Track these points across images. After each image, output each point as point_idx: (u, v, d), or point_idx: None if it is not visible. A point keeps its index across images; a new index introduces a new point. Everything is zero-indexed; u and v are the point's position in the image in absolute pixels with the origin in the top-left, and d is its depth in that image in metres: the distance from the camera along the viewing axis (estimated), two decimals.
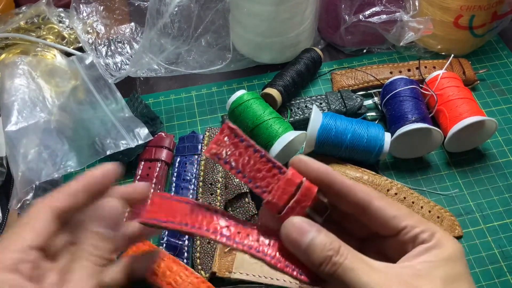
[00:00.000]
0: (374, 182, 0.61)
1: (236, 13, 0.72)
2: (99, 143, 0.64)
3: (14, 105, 0.66)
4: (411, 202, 0.60)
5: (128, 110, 0.68)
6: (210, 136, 0.66)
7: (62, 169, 0.62)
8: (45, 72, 0.69)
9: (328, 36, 0.81)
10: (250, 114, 0.63)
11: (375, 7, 0.72)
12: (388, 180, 0.62)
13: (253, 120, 0.62)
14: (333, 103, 0.69)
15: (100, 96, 0.69)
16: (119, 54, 0.73)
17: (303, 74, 0.72)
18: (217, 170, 0.61)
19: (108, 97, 0.70)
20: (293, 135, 0.60)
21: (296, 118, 0.69)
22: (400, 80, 0.68)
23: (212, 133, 0.66)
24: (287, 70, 0.71)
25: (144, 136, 0.65)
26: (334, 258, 0.30)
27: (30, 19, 0.75)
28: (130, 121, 0.66)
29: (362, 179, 0.61)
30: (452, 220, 0.60)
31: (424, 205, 0.60)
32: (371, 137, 0.61)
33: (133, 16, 0.77)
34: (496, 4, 0.70)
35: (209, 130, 0.67)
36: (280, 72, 0.72)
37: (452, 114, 0.64)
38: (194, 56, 0.72)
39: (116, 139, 0.64)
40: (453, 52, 0.75)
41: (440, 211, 0.60)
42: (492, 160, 0.66)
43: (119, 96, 0.70)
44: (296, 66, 0.72)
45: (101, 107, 0.68)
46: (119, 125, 0.66)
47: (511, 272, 0.56)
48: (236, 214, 0.59)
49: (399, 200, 0.60)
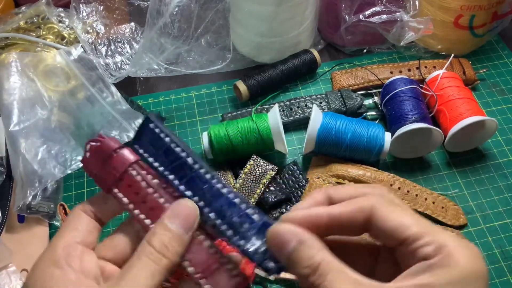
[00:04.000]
0: (377, 178, 0.61)
1: (236, 13, 0.72)
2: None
3: (14, 105, 0.66)
4: (415, 195, 0.60)
5: (125, 103, 0.68)
6: (253, 166, 0.61)
7: (73, 165, 0.62)
8: (45, 72, 0.69)
9: (328, 36, 0.81)
10: (236, 140, 0.62)
11: (375, 7, 0.72)
12: (390, 175, 0.62)
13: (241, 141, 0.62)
14: (333, 102, 0.69)
15: (95, 90, 0.69)
16: (119, 54, 0.73)
17: (287, 74, 0.73)
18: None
19: (104, 91, 0.69)
20: (272, 115, 0.62)
21: (296, 118, 0.69)
22: (400, 80, 0.68)
23: (257, 165, 0.61)
24: (270, 68, 0.72)
25: None
26: (311, 278, 0.26)
27: (30, 19, 0.75)
28: (129, 113, 0.67)
29: (365, 176, 0.61)
30: (456, 209, 0.60)
31: (427, 197, 0.61)
32: (371, 136, 0.61)
33: (133, 16, 0.77)
34: (496, 4, 0.70)
35: (254, 160, 0.61)
36: (264, 68, 0.73)
37: (452, 114, 0.64)
38: (194, 56, 0.72)
39: (120, 132, 0.65)
40: (453, 52, 0.75)
41: (443, 201, 0.61)
42: (492, 160, 0.66)
43: (113, 90, 0.69)
44: (280, 66, 0.73)
45: (98, 101, 0.68)
46: (120, 118, 0.66)
47: (511, 272, 0.56)
48: None
49: (402, 194, 0.60)
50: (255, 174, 0.60)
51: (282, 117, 0.69)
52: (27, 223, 0.61)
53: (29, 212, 0.60)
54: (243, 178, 0.60)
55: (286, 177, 0.63)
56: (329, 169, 0.62)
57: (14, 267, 0.57)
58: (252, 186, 0.59)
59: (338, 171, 0.61)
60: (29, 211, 0.60)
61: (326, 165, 0.63)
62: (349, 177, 0.61)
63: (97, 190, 0.64)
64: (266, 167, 0.61)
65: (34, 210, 0.60)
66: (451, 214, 0.60)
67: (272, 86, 0.73)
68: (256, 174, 0.60)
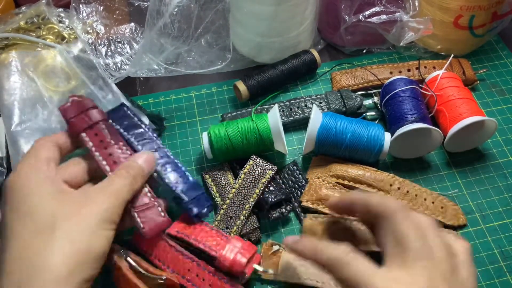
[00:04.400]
0: (376, 178, 0.61)
1: (236, 13, 0.72)
2: None
3: (15, 105, 0.66)
4: (414, 195, 0.60)
5: (125, 100, 0.68)
6: (252, 167, 0.61)
7: None
8: (45, 72, 0.70)
9: (328, 36, 0.81)
10: (236, 140, 0.62)
11: (375, 7, 0.72)
12: (390, 175, 0.61)
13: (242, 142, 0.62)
14: (333, 103, 0.69)
15: (95, 88, 0.69)
16: (119, 54, 0.73)
17: (287, 74, 0.73)
18: (243, 207, 0.58)
19: (103, 89, 0.69)
20: (272, 115, 0.62)
21: (296, 118, 0.69)
22: (399, 80, 0.68)
23: (256, 165, 0.61)
24: (270, 69, 0.72)
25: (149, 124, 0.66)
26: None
27: (30, 19, 0.75)
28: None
29: (365, 176, 0.61)
30: (455, 210, 0.60)
31: (427, 197, 0.61)
32: (371, 136, 0.61)
33: (133, 16, 0.77)
34: (496, 4, 0.70)
35: (254, 160, 0.61)
36: (264, 68, 0.73)
37: (452, 114, 0.64)
38: (194, 56, 0.72)
39: None
40: (453, 52, 0.75)
41: (443, 201, 0.61)
42: (492, 160, 0.66)
43: (114, 88, 0.69)
44: (280, 66, 0.73)
45: (99, 100, 0.68)
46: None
47: (511, 272, 0.56)
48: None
49: (402, 194, 0.60)
50: (254, 174, 0.60)
51: (282, 117, 0.69)
52: None
53: None
54: (243, 178, 0.60)
55: (286, 177, 0.64)
56: (329, 169, 0.62)
57: None
58: (251, 186, 0.59)
59: (338, 171, 0.62)
60: None
61: (326, 165, 0.63)
62: (348, 177, 0.61)
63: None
64: (266, 166, 0.61)
65: None
66: (451, 214, 0.60)
67: (272, 86, 0.73)
68: (255, 174, 0.60)
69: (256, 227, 0.58)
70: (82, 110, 0.52)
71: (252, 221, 0.59)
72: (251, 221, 0.59)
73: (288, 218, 0.61)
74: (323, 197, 0.59)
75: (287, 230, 0.60)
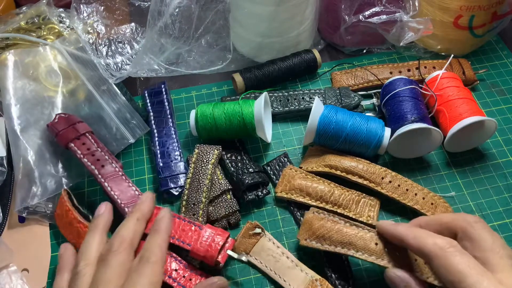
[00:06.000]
0: (368, 170, 0.61)
1: (237, 13, 0.72)
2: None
3: (16, 105, 0.66)
4: (405, 189, 0.61)
5: (126, 100, 0.69)
6: (198, 154, 0.63)
7: None
8: (45, 72, 0.70)
9: (328, 36, 0.81)
10: (220, 120, 0.64)
11: (375, 7, 0.72)
12: (382, 169, 0.62)
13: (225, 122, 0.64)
14: (329, 99, 0.70)
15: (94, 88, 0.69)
16: (120, 54, 0.73)
17: (285, 71, 0.73)
18: (201, 191, 0.59)
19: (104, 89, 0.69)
20: (258, 102, 0.63)
21: (291, 108, 0.70)
22: (399, 80, 0.68)
23: (201, 151, 0.63)
24: (268, 64, 0.73)
25: (145, 126, 0.68)
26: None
27: (31, 19, 0.75)
28: (130, 111, 0.68)
29: (357, 168, 0.61)
30: (446, 207, 0.61)
31: (418, 192, 0.61)
32: (370, 130, 0.61)
33: (133, 16, 0.78)
34: (496, 4, 0.70)
35: (198, 148, 0.64)
36: (263, 64, 0.74)
37: (451, 114, 0.64)
38: (194, 56, 0.72)
39: (121, 131, 0.67)
40: (453, 52, 0.75)
41: (433, 198, 0.61)
42: (492, 160, 0.67)
43: (114, 87, 0.69)
44: (279, 62, 0.73)
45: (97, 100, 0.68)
46: (118, 120, 0.67)
47: None
48: (218, 209, 0.60)
49: (393, 187, 0.61)
50: (202, 159, 0.62)
51: (277, 106, 0.70)
52: (27, 223, 0.62)
53: (27, 213, 0.60)
54: (193, 167, 0.62)
55: (277, 168, 0.65)
56: (323, 159, 0.63)
57: (15, 267, 0.58)
58: (203, 170, 0.61)
59: (331, 161, 0.62)
60: (27, 212, 0.60)
61: (320, 156, 0.64)
62: (341, 167, 0.61)
63: (98, 190, 0.64)
64: (210, 149, 0.63)
65: (31, 211, 0.60)
66: (440, 211, 0.60)
67: (269, 81, 0.73)
68: (203, 158, 0.62)
69: (235, 209, 0.60)
70: (70, 124, 0.62)
71: (232, 204, 0.60)
72: (231, 203, 0.60)
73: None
74: (296, 187, 0.60)
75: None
